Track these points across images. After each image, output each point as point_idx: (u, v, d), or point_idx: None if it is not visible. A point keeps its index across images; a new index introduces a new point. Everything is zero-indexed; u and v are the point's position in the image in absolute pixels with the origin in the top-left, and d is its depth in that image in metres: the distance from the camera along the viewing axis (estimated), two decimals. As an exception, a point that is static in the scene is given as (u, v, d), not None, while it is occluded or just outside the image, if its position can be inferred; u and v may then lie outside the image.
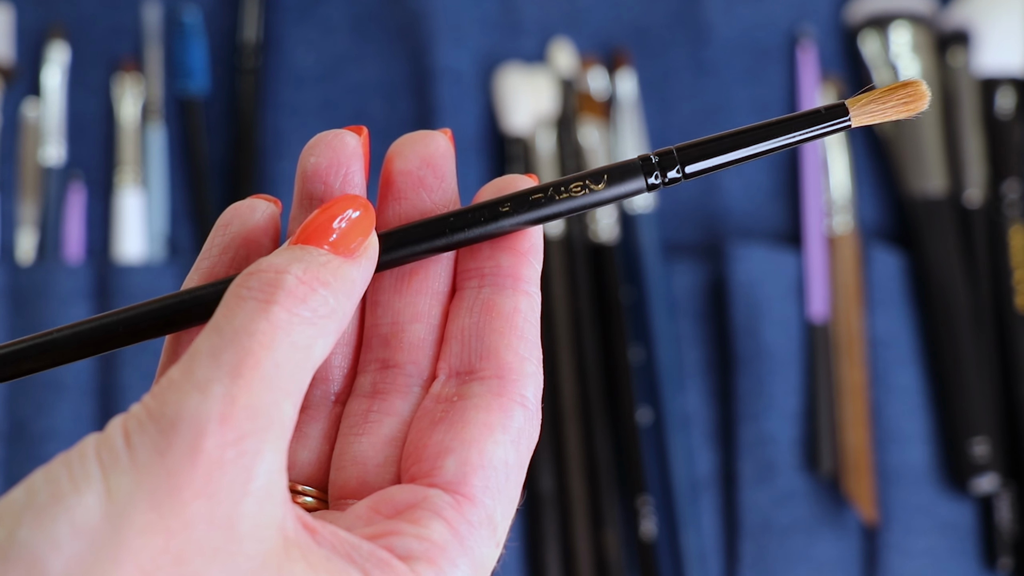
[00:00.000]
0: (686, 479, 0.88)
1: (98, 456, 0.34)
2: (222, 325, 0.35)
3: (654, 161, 0.41)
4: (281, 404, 0.35)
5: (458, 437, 0.38)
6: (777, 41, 0.98)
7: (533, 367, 0.40)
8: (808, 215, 0.93)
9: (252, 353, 0.34)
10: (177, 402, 0.34)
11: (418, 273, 0.42)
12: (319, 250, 0.37)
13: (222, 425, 0.33)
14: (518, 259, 0.41)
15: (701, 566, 0.88)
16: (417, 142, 0.42)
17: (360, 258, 0.38)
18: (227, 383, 0.34)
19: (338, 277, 0.37)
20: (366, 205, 0.39)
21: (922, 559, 0.88)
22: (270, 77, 0.96)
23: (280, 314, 0.35)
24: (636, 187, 0.41)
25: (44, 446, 0.86)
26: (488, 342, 0.40)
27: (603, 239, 0.92)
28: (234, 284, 0.36)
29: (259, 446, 0.34)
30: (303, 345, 0.35)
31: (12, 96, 0.94)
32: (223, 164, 0.95)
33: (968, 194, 0.93)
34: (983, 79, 0.95)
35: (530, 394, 0.40)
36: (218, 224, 0.41)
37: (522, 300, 0.41)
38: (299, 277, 0.36)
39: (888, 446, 0.89)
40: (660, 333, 0.90)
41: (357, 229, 0.38)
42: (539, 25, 0.98)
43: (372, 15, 0.97)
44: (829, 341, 0.90)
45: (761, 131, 0.41)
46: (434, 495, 0.37)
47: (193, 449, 0.33)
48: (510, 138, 0.94)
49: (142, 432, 0.34)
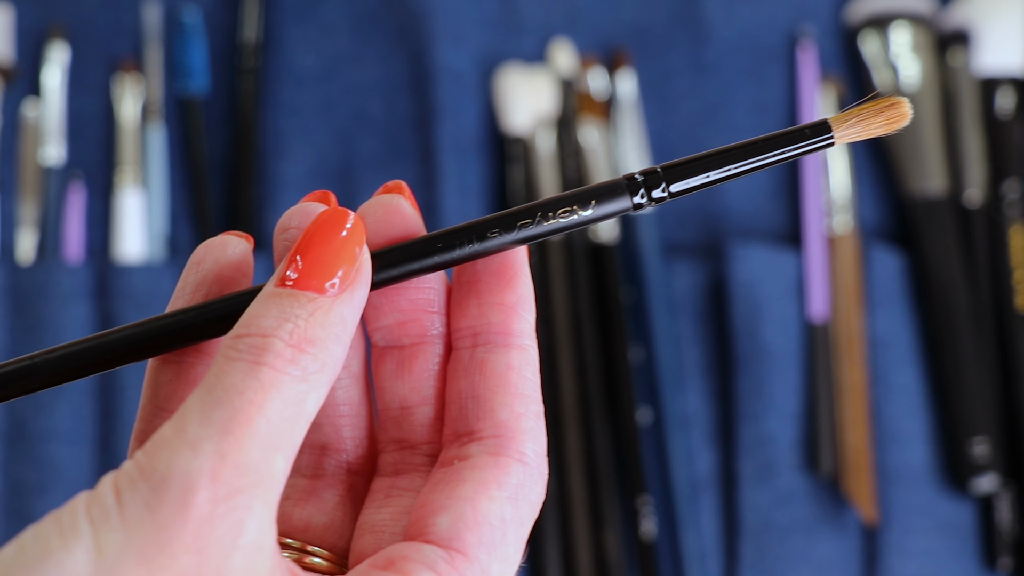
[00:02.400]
0: (686, 479, 0.88)
1: (88, 513, 0.34)
2: (213, 384, 0.35)
3: (639, 180, 0.41)
4: (272, 459, 0.35)
5: (452, 495, 0.39)
6: (777, 41, 0.98)
7: (531, 422, 0.40)
8: (808, 215, 0.93)
9: (243, 411, 0.35)
10: (168, 459, 0.34)
11: (417, 357, 0.41)
12: (306, 297, 0.37)
13: (212, 481, 0.34)
14: (507, 314, 0.41)
15: (701, 566, 0.88)
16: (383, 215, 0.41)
17: (351, 289, 0.38)
18: (217, 440, 0.34)
19: (327, 326, 0.37)
20: (355, 223, 0.38)
21: (922, 559, 0.88)
22: (270, 77, 0.96)
23: (270, 374, 0.36)
24: (622, 207, 0.41)
25: (44, 446, 0.87)
26: (483, 402, 0.40)
27: (603, 239, 0.92)
28: (224, 345, 0.36)
29: (250, 501, 0.34)
30: (294, 401, 0.36)
31: (12, 96, 0.94)
32: (223, 164, 0.95)
33: (968, 194, 0.93)
34: (983, 79, 0.95)
35: (528, 450, 0.40)
36: (191, 262, 0.41)
37: (515, 355, 0.41)
38: (286, 341, 0.36)
39: (888, 446, 0.89)
40: (660, 333, 0.90)
41: (345, 253, 0.38)
42: (539, 25, 0.98)
43: (372, 15, 0.97)
44: (829, 341, 0.90)
45: (745, 149, 0.41)
46: (428, 550, 0.38)
47: (183, 505, 0.34)
48: (510, 138, 0.94)
49: (133, 489, 0.34)
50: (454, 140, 0.93)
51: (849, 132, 0.41)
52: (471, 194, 0.93)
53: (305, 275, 0.37)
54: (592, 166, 0.93)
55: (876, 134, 0.41)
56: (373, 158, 0.95)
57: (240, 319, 0.37)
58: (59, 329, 0.88)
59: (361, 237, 0.38)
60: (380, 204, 0.41)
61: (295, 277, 0.37)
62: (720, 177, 0.41)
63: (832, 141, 0.41)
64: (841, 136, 0.41)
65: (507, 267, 0.41)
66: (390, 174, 0.94)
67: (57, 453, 0.87)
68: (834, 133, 0.41)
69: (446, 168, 0.92)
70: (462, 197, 0.92)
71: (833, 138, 0.41)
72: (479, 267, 0.41)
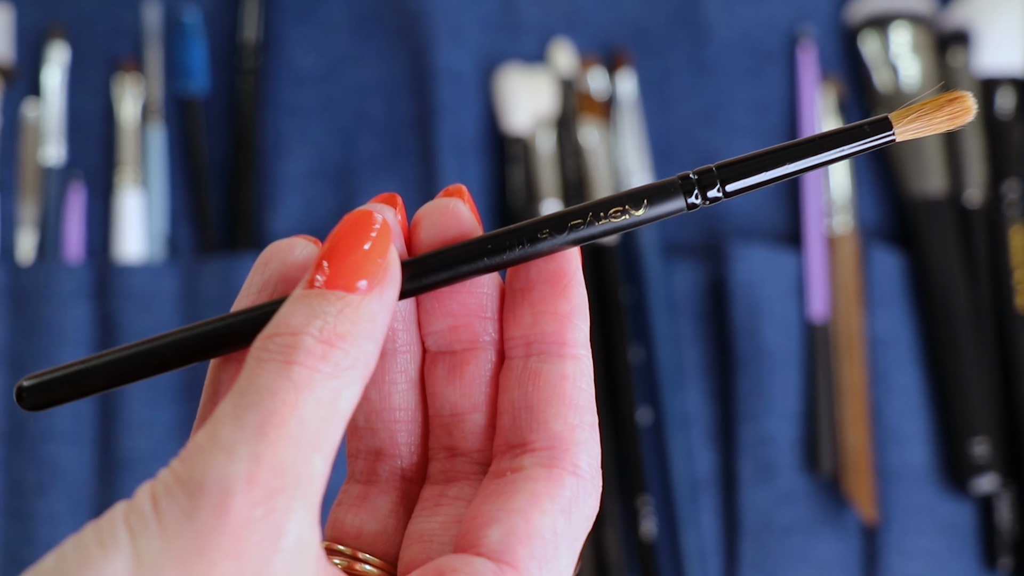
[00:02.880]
0: (686, 479, 0.88)
1: (126, 522, 0.34)
2: (245, 387, 0.35)
3: (693, 179, 0.40)
4: (310, 460, 0.35)
5: (504, 507, 0.38)
6: (777, 41, 0.98)
7: (585, 434, 0.40)
8: (808, 215, 0.93)
9: (276, 412, 0.35)
10: (204, 465, 0.34)
11: (469, 363, 0.41)
12: (335, 295, 0.37)
13: (249, 485, 0.34)
14: (561, 323, 0.40)
15: (701, 566, 0.88)
16: (437, 222, 0.41)
17: (380, 287, 0.38)
18: (252, 443, 0.34)
19: (358, 322, 0.37)
20: (383, 225, 0.38)
21: (922, 559, 0.88)
22: (270, 77, 0.96)
23: (302, 372, 0.35)
24: (676, 207, 0.40)
25: (44, 446, 0.86)
26: (537, 413, 0.40)
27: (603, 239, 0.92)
28: (254, 347, 0.36)
29: (288, 503, 0.34)
30: (328, 399, 0.35)
31: (12, 96, 0.94)
32: (223, 164, 0.95)
33: (968, 194, 0.93)
34: (983, 79, 0.95)
35: (583, 462, 0.39)
36: (257, 262, 0.41)
37: (569, 365, 0.40)
38: (316, 337, 0.36)
39: (888, 446, 0.89)
40: (660, 333, 0.90)
41: (375, 252, 0.38)
42: (539, 25, 0.98)
43: (372, 15, 0.97)
44: (829, 341, 0.90)
45: (803, 147, 0.40)
46: (478, 563, 0.37)
47: (221, 510, 0.33)
48: (510, 138, 0.94)
49: (169, 497, 0.34)
50: (454, 140, 0.93)
51: (910, 128, 0.40)
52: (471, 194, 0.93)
53: (334, 276, 0.37)
54: (592, 166, 0.93)
55: (939, 130, 0.40)
56: (373, 158, 0.95)
57: (270, 321, 0.37)
58: (59, 329, 0.88)
59: (389, 238, 0.38)
60: (438, 206, 0.41)
61: (323, 280, 0.37)
62: (776, 176, 0.40)
63: (893, 138, 0.40)
64: (902, 132, 0.40)
65: (561, 275, 0.41)
66: (390, 174, 0.94)
67: (57, 453, 0.86)
68: (895, 129, 0.40)
69: (446, 168, 0.92)
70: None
71: (894, 135, 0.40)
72: (532, 274, 0.41)
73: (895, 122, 0.40)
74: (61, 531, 0.85)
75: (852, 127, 0.40)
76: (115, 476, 0.86)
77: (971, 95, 0.40)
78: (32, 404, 0.40)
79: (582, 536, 0.39)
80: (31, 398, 0.40)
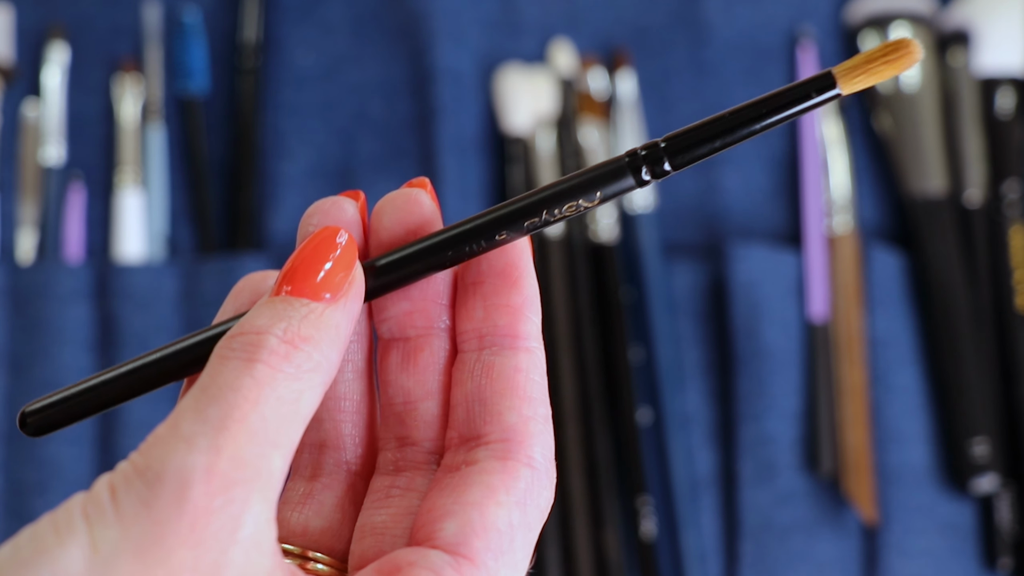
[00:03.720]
0: (686, 479, 0.88)
1: (84, 511, 0.34)
2: (207, 384, 0.36)
3: (642, 155, 0.40)
4: (269, 456, 0.35)
5: (460, 500, 0.38)
6: (777, 41, 0.98)
7: (539, 426, 0.40)
8: (808, 215, 0.93)
9: (237, 407, 0.35)
10: (163, 456, 0.34)
11: (423, 349, 0.41)
12: (300, 302, 0.37)
13: (208, 475, 0.34)
14: (514, 317, 0.41)
15: (701, 566, 0.88)
16: (400, 208, 0.42)
17: (344, 299, 0.38)
18: (212, 436, 0.34)
19: (321, 328, 0.37)
20: (348, 241, 0.39)
21: (922, 559, 0.88)
22: (270, 77, 0.96)
23: (264, 371, 0.36)
24: (627, 185, 0.40)
25: (44, 446, 0.87)
26: (491, 406, 0.40)
27: (603, 239, 0.92)
28: (218, 346, 0.37)
29: (247, 495, 0.34)
30: (290, 399, 0.36)
31: (12, 96, 0.94)
32: (223, 164, 0.95)
33: (968, 194, 0.93)
34: (983, 79, 0.95)
35: (537, 454, 0.39)
36: (232, 291, 0.42)
37: (522, 358, 0.40)
38: (280, 337, 0.36)
39: (888, 446, 0.89)
40: (660, 333, 0.90)
41: (339, 266, 0.38)
42: (539, 25, 0.98)
43: (372, 15, 0.97)
44: (829, 341, 0.90)
45: (748, 110, 0.39)
46: (434, 555, 0.37)
47: (179, 499, 0.34)
48: (510, 138, 0.94)
49: (128, 486, 0.34)
50: (454, 140, 0.93)
51: (854, 80, 0.39)
52: (471, 194, 0.93)
53: (297, 288, 0.38)
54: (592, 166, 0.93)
55: (884, 77, 0.39)
56: (373, 158, 0.95)
57: (235, 324, 0.37)
58: (59, 329, 0.88)
59: (354, 253, 0.39)
60: (401, 195, 0.41)
61: (289, 289, 0.38)
62: (726, 143, 0.39)
63: (838, 93, 0.39)
64: (847, 85, 0.39)
65: (512, 268, 0.41)
66: (390, 174, 0.94)
67: (57, 453, 0.87)
68: (839, 83, 0.39)
69: (446, 168, 0.92)
70: (462, 197, 0.92)
71: (839, 89, 0.39)
72: (483, 268, 0.41)
73: (838, 76, 0.39)
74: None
75: (795, 85, 0.39)
76: (115, 476, 0.86)
77: (915, 40, 0.39)
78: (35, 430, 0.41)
79: (537, 528, 0.39)
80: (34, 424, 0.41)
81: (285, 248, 0.92)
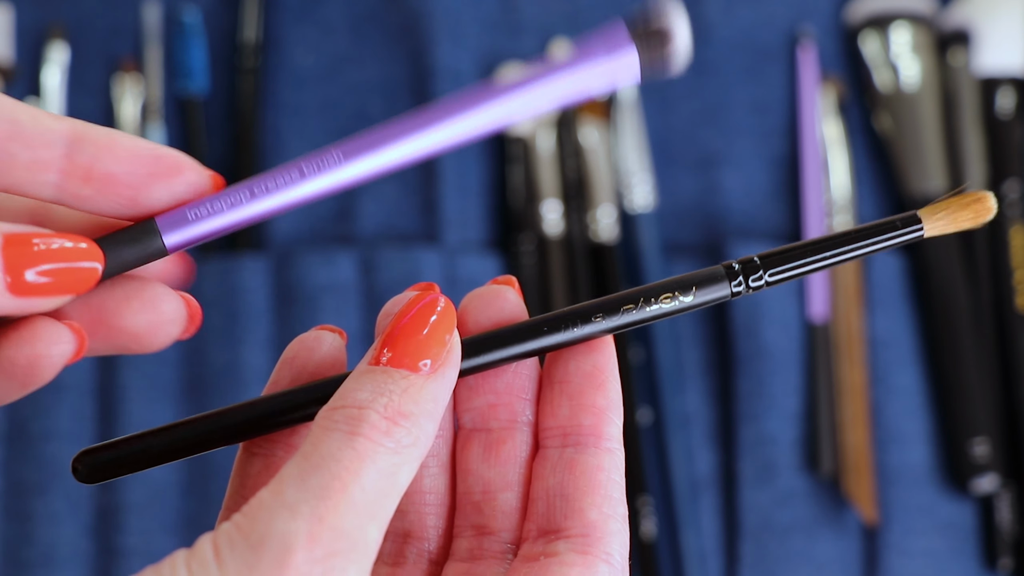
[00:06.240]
0: (686, 479, 0.88)
1: (188, 567, 0.35)
2: (310, 452, 0.36)
3: (736, 269, 0.43)
4: (367, 528, 0.36)
5: None
6: (777, 41, 0.98)
7: (618, 524, 0.41)
8: (808, 215, 0.93)
9: (339, 477, 0.36)
10: (267, 520, 0.35)
11: (505, 442, 0.43)
12: (399, 374, 0.38)
13: (310, 542, 0.35)
14: (598, 417, 0.42)
15: (701, 566, 0.88)
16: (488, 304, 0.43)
17: (443, 368, 0.39)
18: (314, 504, 0.35)
19: (420, 402, 0.38)
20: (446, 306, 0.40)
21: (922, 559, 0.88)
22: (270, 77, 0.96)
23: (366, 444, 0.37)
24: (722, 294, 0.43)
25: (44, 446, 0.86)
26: (572, 501, 0.41)
27: (603, 239, 0.92)
28: (320, 416, 0.37)
29: (345, 565, 0.35)
30: (388, 472, 0.37)
31: (12, 96, 0.94)
32: (223, 164, 0.95)
33: (968, 194, 0.93)
34: (983, 79, 0.95)
35: (615, 551, 0.41)
36: (283, 358, 0.43)
37: (605, 458, 0.42)
38: (381, 413, 0.37)
39: (888, 446, 0.89)
40: (660, 333, 0.90)
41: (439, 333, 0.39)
42: (539, 25, 0.98)
43: (372, 15, 0.97)
44: (829, 341, 0.90)
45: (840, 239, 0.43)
46: None
47: (281, 564, 0.34)
48: (510, 138, 0.94)
49: (232, 547, 0.35)
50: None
51: (938, 225, 0.43)
52: (471, 194, 0.93)
53: (398, 355, 0.39)
54: (592, 166, 0.93)
55: (963, 227, 0.43)
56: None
57: (335, 393, 0.38)
58: (59, 329, 0.88)
59: (452, 320, 0.40)
60: (488, 292, 0.43)
61: (389, 356, 0.39)
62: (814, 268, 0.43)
63: (922, 233, 0.43)
64: (931, 228, 0.43)
65: (599, 370, 0.42)
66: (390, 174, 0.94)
67: (57, 453, 0.86)
68: (924, 226, 0.43)
69: (446, 168, 0.92)
70: (462, 197, 0.92)
71: (923, 230, 0.43)
72: (571, 368, 0.42)
73: (924, 219, 0.43)
74: (61, 531, 0.85)
75: (884, 222, 0.43)
76: (115, 476, 0.86)
77: (992, 196, 0.44)
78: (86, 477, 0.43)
79: None
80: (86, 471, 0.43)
81: (284, 249, 0.92)
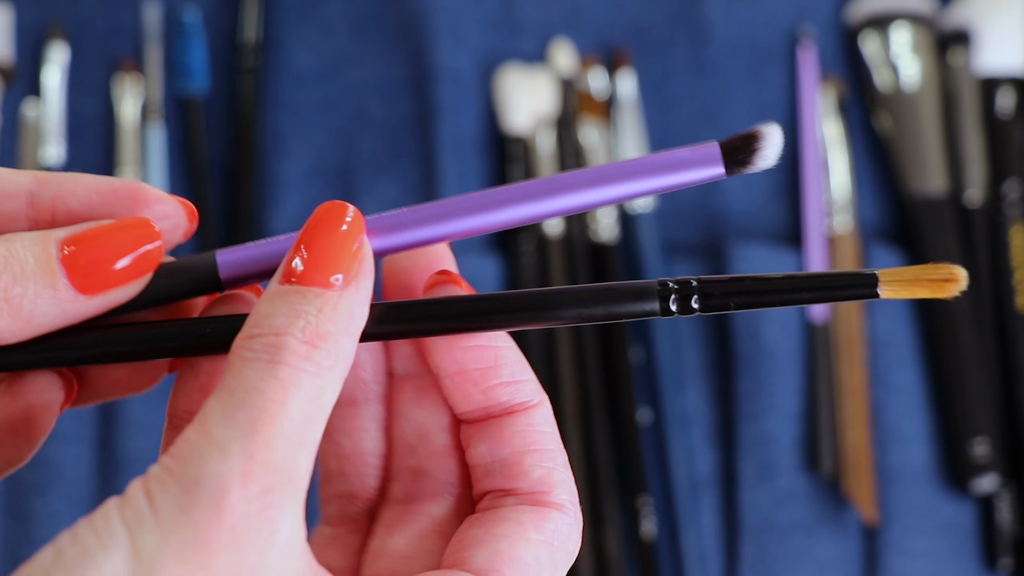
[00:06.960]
0: (686, 479, 0.88)
1: (122, 516, 0.35)
2: (232, 386, 0.36)
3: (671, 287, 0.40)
4: (296, 457, 0.36)
5: (491, 532, 0.40)
6: (777, 41, 0.98)
7: (562, 473, 0.42)
8: (808, 215, 0.93)
9: (266, 411, 0.35)
10: (198, 462, 0.35)
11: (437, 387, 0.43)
12: (313, 292, 0.38)
13: (244, 481, 0.35)
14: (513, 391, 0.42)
15: (701, 566, 0.88)
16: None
17: (356, 281, 0.38)
18: (244, 441, 0.35)
19: (337, 320, 0.37)
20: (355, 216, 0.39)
21: (922, 559, 0.88)
22: (270, 77, 0.96)
23: (288, 372, 0.36)
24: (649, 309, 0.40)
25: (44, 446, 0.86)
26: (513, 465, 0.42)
27: (603, 239, 0.92)
28: (237, 346, 0.37)
29: (281, 499, 0.35)
30: (313, 397, 0.37)
31: (12, 96, 0.94)
32: (223, 164, 0.95)
33: (968, 194, 0.93)
34: (983, 79, 0.95)
35: (564, 499, 0.41)
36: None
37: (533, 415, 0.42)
38: (300, 338, 0.37)
39: (888, 446, 0.89)
40: (660, 333, 0.90)
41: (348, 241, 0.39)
42: (539, 25, 0.98)
43: (372, 15, 0.97)
44: (829, 341, 0.90)
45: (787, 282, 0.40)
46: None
47: (217, 505, 0.34)
48: (510, 138, 0.94)
49: (164, 492, 0.35)
50: (454, 140, 0.93)
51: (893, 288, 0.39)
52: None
53: (310, 270, 0.38)
54: (593, 166, 0.93)
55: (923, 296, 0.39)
56: (373, 158, 0.95)
57: (249, 318, 0.38)
58: (59, 329, 0.88)
59: (361, 229, 0.39)
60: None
61: (300, 270, 0.38)
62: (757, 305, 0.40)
63: (876, 293, 0.39)
64: (886, 291, 0.39)
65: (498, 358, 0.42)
66: (390, 174, 0.94)
67: (57, 453, 0.86)
68: (880, 287, 0.39)
69: (446, 168, 0.92)
70: (462, 197, 0.92)
71: (879, 291, 0.39)
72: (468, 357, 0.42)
73: (882, 279, 0.39)
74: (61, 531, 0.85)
75: (839, 273, 0.40)
76: (115, 476, 0.86)
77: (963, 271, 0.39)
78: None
79: (563, 570, 0.40)
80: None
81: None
